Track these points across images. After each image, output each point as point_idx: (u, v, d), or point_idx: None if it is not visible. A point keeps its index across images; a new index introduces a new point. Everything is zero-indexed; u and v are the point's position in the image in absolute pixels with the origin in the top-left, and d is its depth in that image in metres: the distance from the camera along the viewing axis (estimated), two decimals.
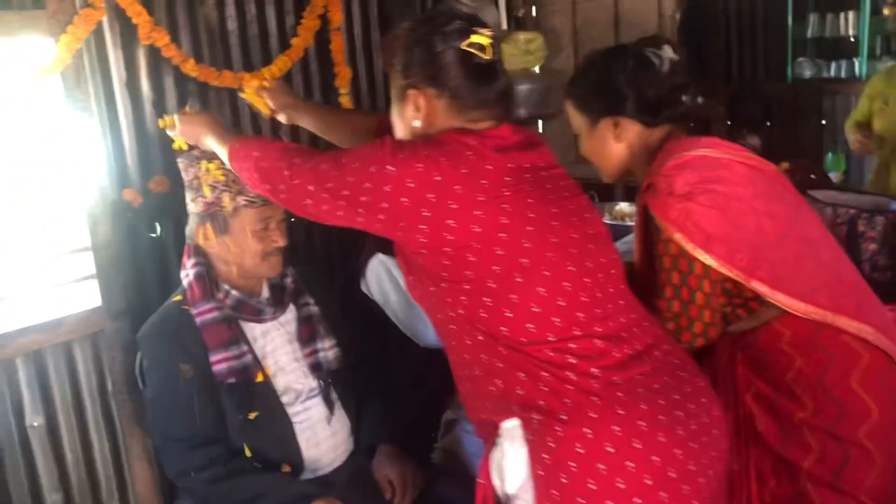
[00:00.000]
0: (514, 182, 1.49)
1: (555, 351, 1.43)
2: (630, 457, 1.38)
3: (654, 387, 1.45)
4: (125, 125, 2.52)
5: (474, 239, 1.43)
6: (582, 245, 1.51)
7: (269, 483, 1.82)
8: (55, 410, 2.50)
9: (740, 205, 1.68)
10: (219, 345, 1.85)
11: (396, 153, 1.46)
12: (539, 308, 1.44)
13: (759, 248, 1.67)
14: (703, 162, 1.72)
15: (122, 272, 2.53)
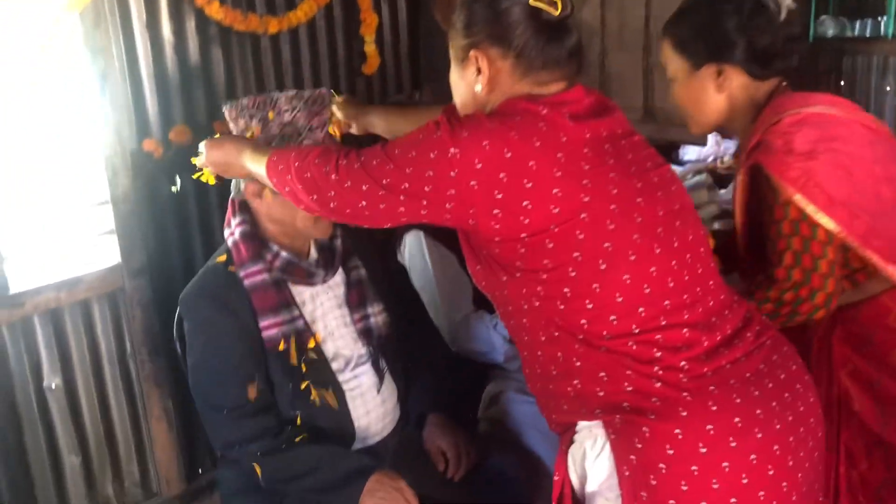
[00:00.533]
0: (593, 154, 1.33)
1: (639, 344, 1.31)
2: (725, 456, 1.28)
3: (747, 375, 1.33)
4: (145, 71, 2.37)
5: (553, 221, 1.29)
6: (669, 223, 1.37)
7: (323, 456, 1.72)
8: (73, 371, 2.39)
9: (861, 167, 1.55)
10: (269, 309, 1.73)
11: (458, 133, 1.30)
12: (623, 297, 1.31)
13: (877, 216, 1.54)
14: (823, 119, 1.58)
15: (142, 227, 2.41)
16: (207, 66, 2.51)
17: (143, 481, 2.60)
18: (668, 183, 1.43)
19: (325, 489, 1.70)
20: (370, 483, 1.70)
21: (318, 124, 1.73)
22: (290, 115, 1.70)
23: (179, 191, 2.48)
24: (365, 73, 2.96)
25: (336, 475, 1.70)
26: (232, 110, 1.73)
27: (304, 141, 1.72)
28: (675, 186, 1.44)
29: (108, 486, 2.52)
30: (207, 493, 2.69)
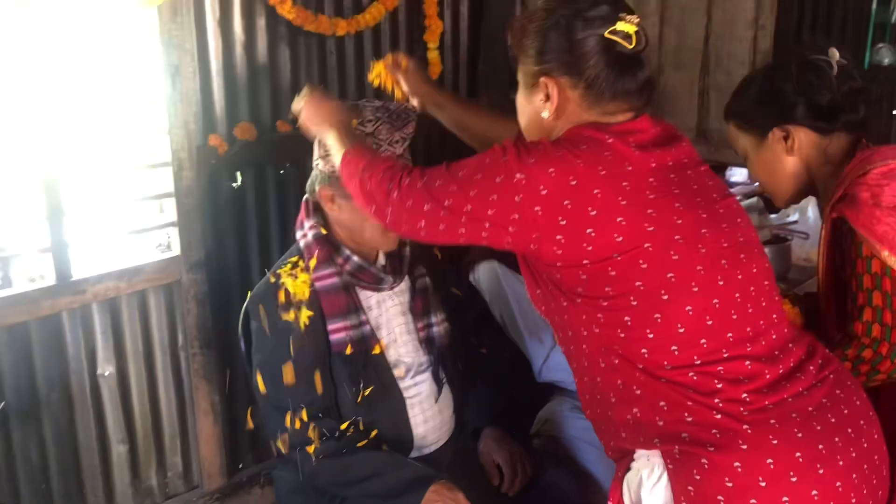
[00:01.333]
0: (658, 184, 1.34)
1: (700, 375, 1.30)
2: (786, 491, 1.26)
3: (809, 409, 1.31)
4: (215, 67, 2.39)
5: (616, 250, 1.29)
6: (733, 255, 1.36)
7: (383, 462, 1.73)
8: (126, 360, 2.41)
9: None
10: (338, 313, 1.73)
11: (525, 159, 1.31)
12: (685, 328, 1.30)
13: None
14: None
15: (202, 222, 2.43)
16: (275, 64, 2.53)
17: (186, 473, 2.61)
18: (734, 214, 1.42)
19: (384, 495, 1.71)
20: (429, 494, 1.69)
21: (399, 138, 1.73)
22: (372, 126, 1.71)
23: (239, 187, 2.51)
24: None
25: (397, 482, 1.70)
26: None
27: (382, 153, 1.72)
28: (741, 219, 1.43)
29: (152, 475, 2.53)
30: (247, 488, 2.70)
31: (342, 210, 1.76)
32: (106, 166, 2.27)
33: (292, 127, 2.56)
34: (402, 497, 1.70)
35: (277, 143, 2.54)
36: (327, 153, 1.71)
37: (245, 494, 2.70)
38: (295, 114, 1.75)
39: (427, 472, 1.75)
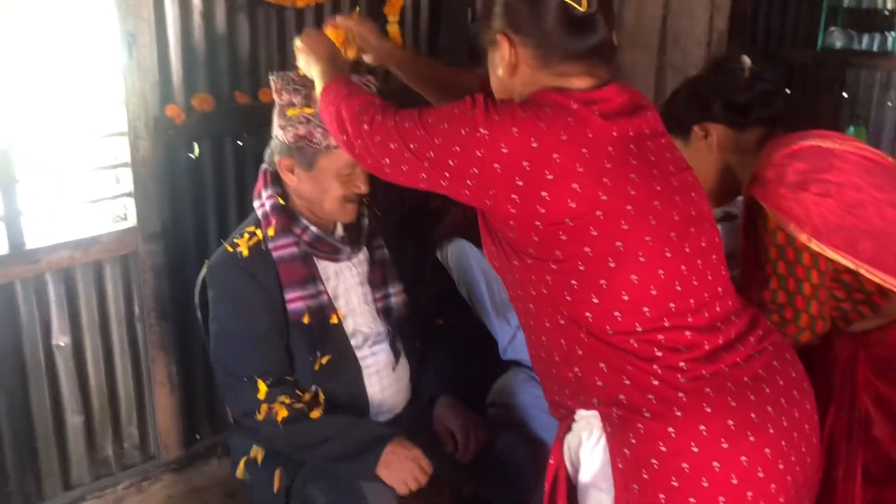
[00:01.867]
0: (616, 153, 1.36)
1: (640, 342, 1.35)
2: (716, 457, 1.32)
3: (745, 379, 1.36)
4: (172, 36, 2.37)
5: (569, 215, 1.32)
6: (682, 228, 1.40)
7: (341, 425, 1.76)
8: (81, 331, 2.40)
9: (859, 194, 1.60)
10: (295, 282, 1.75)
11: (491, 115, 1.34)
12: (629, 296, 1.34)
13: (884, 238, 1.59)
14: (815, 151, 1.66)
15: (159, 193, 2.41)
16: (233, 35, 2.51)
17: (143, 444, 2.62)
18: (689, 188, 1.44)
19: (343, 457, 1.74)
20: (386, 455, 1.73)
21: None
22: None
23: (197, 158, 2.50)
24: None
25: (354, 442, 1.74)
26: (278, 81, 1.73)
27: None
28: (695, 193, 1.46)
29: (108, 446, 2.53)
30: (204, 458, 2.72)
31: (301, 180, 1.77)
32: (61, 135, 2.24)
33: (251, 98, 2.57)
34: (361, 457, 1.73)
35: (236, 114, 2.53)
36: (287, 124, 1.72)
37: (202, 465, 2.72)
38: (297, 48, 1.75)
39: (384, 431, 1.79)
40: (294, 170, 1.77)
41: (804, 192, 1.58)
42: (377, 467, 1.74)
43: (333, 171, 1.75)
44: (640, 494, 1.35)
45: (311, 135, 1.72)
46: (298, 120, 1.72)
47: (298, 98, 1.71)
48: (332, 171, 1.75)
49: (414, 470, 1.75)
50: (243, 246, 1.77)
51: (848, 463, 1.69)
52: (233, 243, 1.79)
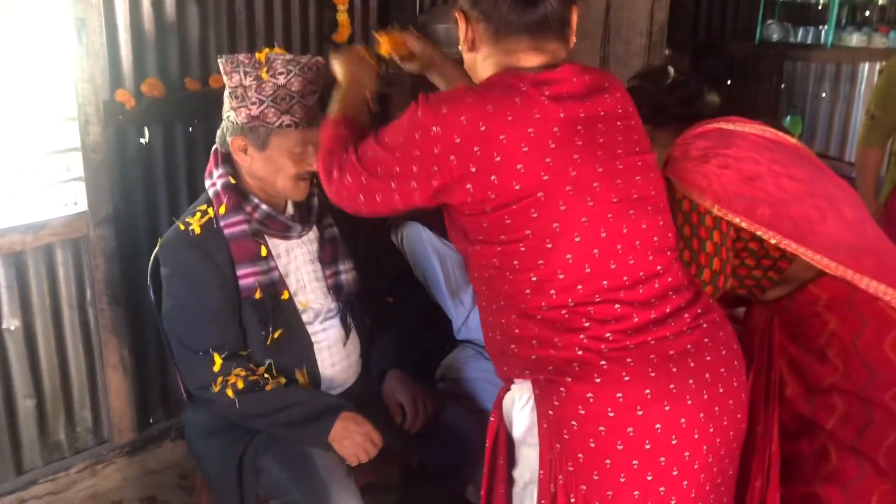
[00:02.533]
0: (562, 134, 1.40)
1: (571, 314, 1.42)
2: (631, 422, 1.39)
3: (670, 353, 1.43)
4: (122, 21, 2.39)
5: (514, 198, 1.38)
6: (621, 210, 1.45)
7: (295, 395, 1.83)
8: (32, 315, 2.41)
9: (757, 167, 1.75)
10: (247, 259, 1.80)
11: (438, 109, 1.39)
12: (564, 274, 1.41)
13: (780, 205, 1.73)
14: (717, 132, 1.82)
15: (110, 177, 2.44)
16: (183, 21, 2.54)
17: (96, 428, 2.64)
18: (634, 172, 1.48)
19: (296, 424, 1.79)
20: (338, 428, 1.79)
21: (310, 91, 1.80)
22: (284, 79, 1.76)
23: (147, 143, 2.53)
24: (335, 41, 3.01)
25: (307, 412, 1.79)
26: (227, 63, 1.77)
27: (294, 106, 1.79)
28: (641, 176, 1.50)
29: (60, 430, 2.55)
30: (157, 441, 2.75)
31: (254, 160, 1.82)
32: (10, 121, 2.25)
33: (202, 84, 2.60)
34: (313, 424, 1.79)
35: (186, 100, 2.56)
36: (239, 105, 1.77)
37: (156, 448, 2.75)
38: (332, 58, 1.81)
39: (336, 402, 1.85)
40: (247, 149, 1.81)
41: (706, 165, 1.73)
42: (329, 437, 1.80)
43: (286, 149, 1.80)
44: (561, 453, 1.44)
45: (265, 115, 1.77)
46: (251, 101, 1.77)
47: (249, 79, 1.75)
48: (285, 149, 1.80)
49: (364, 443, 1.82)
50: (195, 224, 1.81)
51: (766, 421, 1.81)
52: (185, 222, 1.83)
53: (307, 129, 1.79)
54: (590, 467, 1.42)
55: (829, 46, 4.78)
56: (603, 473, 1.41)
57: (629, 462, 1.40)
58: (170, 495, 2.64)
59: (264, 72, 1.75)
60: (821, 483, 1.75)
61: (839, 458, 1.75)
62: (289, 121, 1.77)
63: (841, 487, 1.73)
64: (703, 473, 1.46)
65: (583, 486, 1.43)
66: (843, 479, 1.74)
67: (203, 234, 1.80)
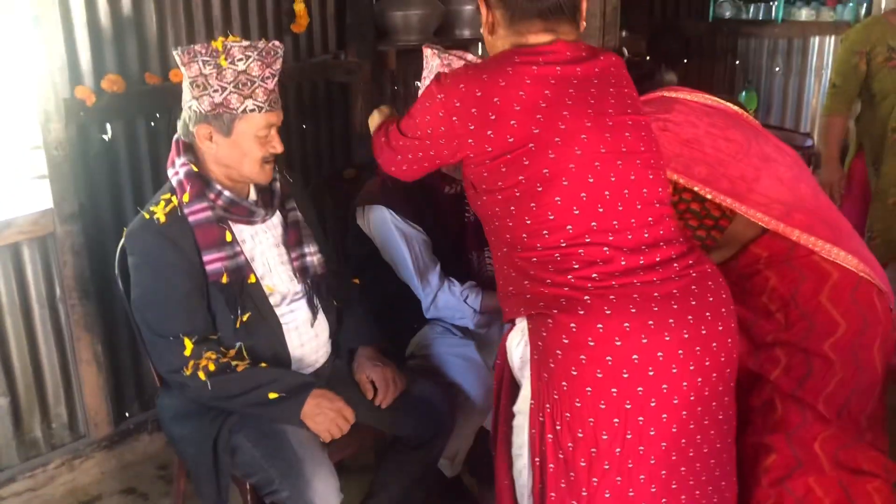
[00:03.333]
0: (553, 95, 1.56)
1: (562, 256, 1.54)
2: (609, 352, 1.50)
3: (654, 294, 1.53)
4: (78, 18, 2.41)
5: (508, 148, 1.55)
6: (609, 160, 1.58)
7: (266, 374, 1.87)
8: (2, 313, 2.43)
9: (695, 130, 1.88)
10: (212, 245, 1.83)
11: (444, 81, 1.61)
12: (554, 215, 1.54)
13: (717, 165, 1.85)
14: (659, 99, 2.00)
15: (74, 174, 2.45)
16: (140, 17, 2.56)
17: (72, 423, 2.66)
18: (624, 129, 1.62)
19: (269, 403, 1.84)
20: (309, 406, 1.85)
21: (269, 74, 1.84)
22: (244, 65, 1.80)
23: (110, 139, 2.55)
24: (294, 32, 3.04)
25: (279, 389, 1.84)
26: (184, 55, 1.80)
27: (256, 90, 1.83)
28: (630, 133, 1.63)
29: (36, 427, 2.57)
30: (134, 435, 2.78)
31: (220, 146, 1.86)
32: None
33: (162, 79, 2.62)
34: (285, 402, 1.84)
35: (146, 95, 2.58)
36: (201, 94, 1.81)
37: (133, 441, 2.77)
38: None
39: (307, 380, 1.91)
40: (212, 137, 1.85)
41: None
42: (301, 414, 1.85)
43: (251, 133, 1.85)
44: (549, 382, 1.56)
45: (227, 101, 1.81)
46: (213, 88, 1.81)
47: (208, 68, 1.79)
48: (251, 133, 1.85)
49: (337, 419, 1.88)
50: (160, 213, 1.85)
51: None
52: (149, 211, 1.86)
53: (270, 111, 1.85)
54: (573, 394, 1.53)
55: (779, 22, 4.89)
56: (584, 400, 1.53)
57: (608, 389, 1.52)
58: (149, 486, 2.67)
59: (223, 59, 1.78)
60: (768, 433, 1.85)
61: (783, 408, 1.84)
62: (252, 105, 1.82)
63: (785, 435, 1.83)
64: (684, 410, 1.56)
65: (567, 413, 1.55)
66: (787, 427, 1.84)
67: (168, 221, 1.84)
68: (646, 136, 1.66)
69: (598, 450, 1.54)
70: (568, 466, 1.57)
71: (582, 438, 1.54)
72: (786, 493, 1.83)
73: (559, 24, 1.64)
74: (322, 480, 1.80)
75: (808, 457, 1.82)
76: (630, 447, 1.54)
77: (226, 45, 1.80)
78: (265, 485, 1.85)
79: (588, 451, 1.54)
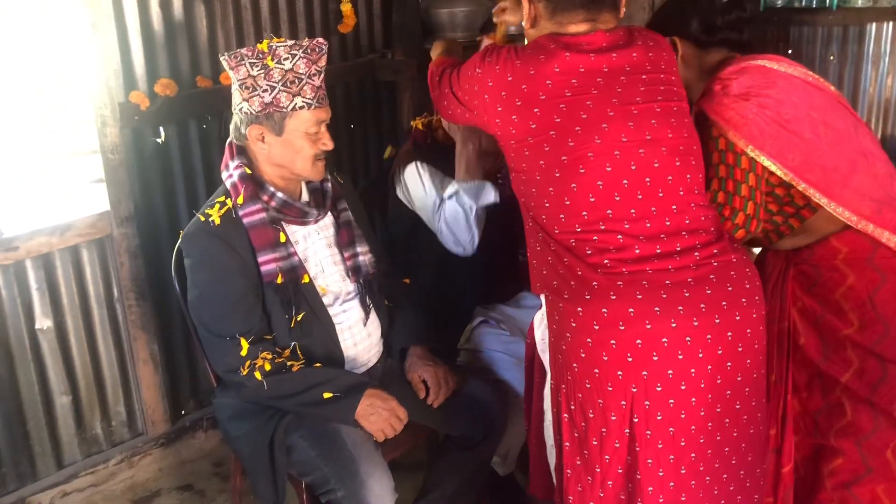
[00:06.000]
0: (579, 85, 1.60)
1: (578, 241, 1.58)
2: (613, 336, 1.54)
3: (665, 282, 1.54)
4: (131, 24, 2.45)
5: (531, 134, 1.60)
6: (630, 149, 1.58)
7: (321, 374, 1.89)
8: (63, 314, 2.49)
9: (796, 111, 1.75)
10: (266, 246, 1.86)
11: (486, 58, 1.68)
12: (570, 201, 1.59)
13: (813, 153, 1.74)
14: (761, 70, 1.81)
15: (130, 177, 2.50)
16: (191, 21, 2.60)
17: (130, 421, 2.72)
18: (649, 117, 1.61)
19: (323, 402, 1.85)
20: (363, 406, 1.86)
21: (315, 71, 1.86)
22: (290, 63, 1.82)
23: (164, 142, 2.59)
24: (341, 32, 3.06)
25: (334, 389, 1.86)
26: (232, 59, 1.83)
27: (304, 87, 1.85)
28: (657, 121, 1.61)
29: (96, 424, 2.64)
30: (190, 432, 2.83)
31: (272, 146, 1.88)
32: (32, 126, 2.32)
33: (213, 82, 2.66)
34: (340, 402, 1.86)
35: (198, 98, 2.62)
36: (251, 95, 1.83)
37: (189, 439, 2.83)
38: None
39: (361, 380, 1.93)
40: (265, 137, 1.87)
41: (745, 103, 1.73)
42: (356, 414, 1.86)
43: (302, 131, 1.87)
44: (562, 364, 1.63)
45: (277, 100, 1.83)
46: (262, 89, 1.82)
47: (255, 70, 1.81)
48: (301, 131, 1.87)
49: (390, 418, 1.89)
50: (215, 215, 1.87)
51: (779, 370, 1.85)
52: (205, 213, 1.90)
53: (318, 107, 1.87)
54: (583, 376, 1.59)
55: (834, 9, 4.75)
56: (593, 382, 1.57)
57: (614, 372, 1.55)
58: (205, 483, 2.72)
59: (269, 59, 1.81)
60: (835, 436, 1.79)
61: (854, 412, 1.78)
62: (301, 102, 1.84)
63: (855, 440, 1.77)
64: (693, 397, 1.55)
65: (579, 393, 1.60)
66: (858, 433, 1.77)
67: (223, 224, 1.87)
68: (676, 122, 1.64)
69: (608, 429, 1.58)
70: (581, 445, 1.62)
71: (593, 419, 1.59)
72: (850, 498, 1.78)
73: (600, 14, 1.66)
74: (377, 481, 1.81)
75: (879, 464, 1.76)
76: (638, 430, 1.56)
77: (271, 46, 1.82)
78: (321, 484, 1.87)
79: (599, 430, 1.59)
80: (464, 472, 2.09)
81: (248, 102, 1.84)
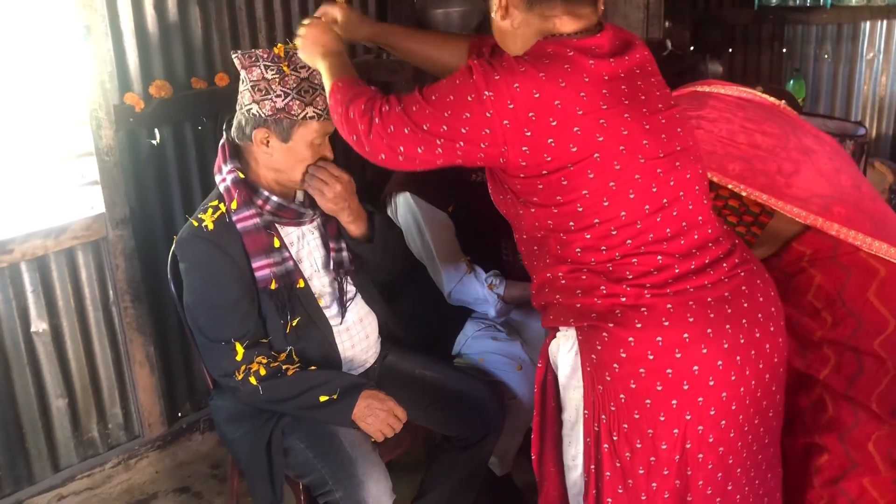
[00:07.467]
0: (610, 94, 1.46)
1: (616, 266, 1.49)
2: (670, 364, 1.47)
3: (708, 300, 1.49)
4: (126, 26, 2.44)
5: (571, 160, 1.43)
6: (668, 164, 1.50)
7: (316, 377, 1.88)
8: (59, 317, 2.49)
9: (730, 126, 1.83)
10: (260, 251, 1.85)
11: (491, 76, 1.42)
12: (617, 231, 1.48)
13: (753, 160, 1.80)
14: (692, 94, 1.96)
15: (125, 179, 2.50)
16: (185, 22, 2.59)
17: (127, 423, 2.71)
18: (675, 124, 1.55)
19: (320, 405, 1.85)
20: (360, 407, 1.86)
21: None
22: (306, 72, 1.82)
23: (159, 144, 2.59)
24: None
25: (329, 392, 1.85)
26: (246, 59, 1.81)
27: (317, 98, 1.83)
28: (681, 128, 1.57)
29: (92, 427, 2.63)
30: (187, 434, 2.82)
31: (275, 151, 1.87)
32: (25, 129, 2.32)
33: (207, 83, 2.65)
34: (336, 403, 1.85)
35: (193, 100, 2.62)
36: (263, 98, 1.81)
37: (186, 441, 2.82)
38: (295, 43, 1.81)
39: (357, 381, 1.92)
40: (269, 142, 1.86)
41: None
42: (353, 415, 1.86)
43: (308, 140, 1.86)
44: (604, 393, 1.52)
45: (289, 107, 1.81)
46: (276, 93, 1.81)
47: (270, 73, 1.80)
48: (307, 140, 1.86)
49: (388, 419, 1.88)
50: (208, 220, 1.86)
51: None
52: (198, 218, 1.88)
53: (327, 120, 1.84)
54: (631, 407, 1.50)
55: (828, 7, 4.76)
56: (643, 412, 1.50)
57: (668, 402, 1.48)
58: (202, 485, 2.72)
59: (286, 65, 1.80)
60: (820, 433, 1.81)
61: (835, 408, 1.80)
62: (312, 112, 1.83)
63: (838, 435, 1.79)
64: (741, 414, 1.53)
65: (625, 424, 1.51)
66: (840, 427, 1.80)
67: (216, 229, 1.85)
68: (690, 127, 1.61)
69: (657, 458, 1.51)
70: (626, 474, 1.54)
71: (640, 449, 1.51)
72: (839, 494, 1.79)
73: (581, 7, 1.51)
74: (375, 482, 1.81)
75: (863, 457, 1.78)
76: (690, 455, 1.51)
77: (287, 52, 1.81)
78: (318, 485, 1.87)
79: (647, 460, 1.52)
80: (461, 472, 2.09)
81: (258, 105, 1.83)
